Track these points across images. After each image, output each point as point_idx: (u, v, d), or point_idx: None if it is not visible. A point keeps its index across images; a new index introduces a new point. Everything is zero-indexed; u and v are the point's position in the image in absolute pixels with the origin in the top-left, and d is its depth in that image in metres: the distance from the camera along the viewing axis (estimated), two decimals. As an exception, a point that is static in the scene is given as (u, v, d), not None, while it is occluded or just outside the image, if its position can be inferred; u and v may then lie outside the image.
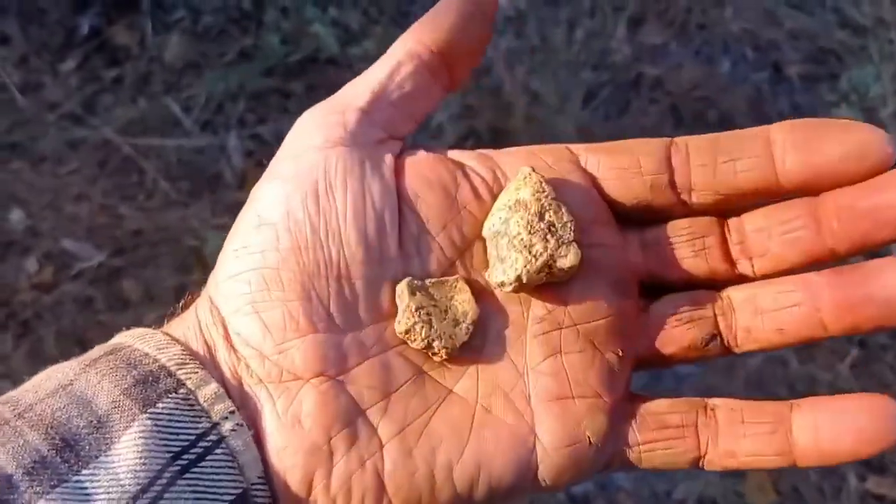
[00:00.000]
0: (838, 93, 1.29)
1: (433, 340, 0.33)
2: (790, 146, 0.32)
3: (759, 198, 0.34)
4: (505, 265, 0.33)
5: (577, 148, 0.35)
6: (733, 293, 0.34)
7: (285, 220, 0.32)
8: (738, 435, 0.33)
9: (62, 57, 1.29)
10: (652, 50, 1.31)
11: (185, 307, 0.35)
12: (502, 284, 0.33)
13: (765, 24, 1.33)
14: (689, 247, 0.34)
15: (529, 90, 1.27)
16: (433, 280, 0.34)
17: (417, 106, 0.35)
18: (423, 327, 0.33)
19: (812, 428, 0.32)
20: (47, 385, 0.31)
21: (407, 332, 0.33)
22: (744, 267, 0.34)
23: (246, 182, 1.20)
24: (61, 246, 1.18)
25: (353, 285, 0.32)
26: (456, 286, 0.34)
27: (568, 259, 0.32)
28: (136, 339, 0.32)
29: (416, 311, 0.32)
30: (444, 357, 0.33)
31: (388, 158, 0.34)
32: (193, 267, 1.15)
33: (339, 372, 0.32)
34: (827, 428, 0.32)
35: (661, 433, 0.33)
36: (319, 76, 1.27)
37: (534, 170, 0.33)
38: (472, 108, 1.24)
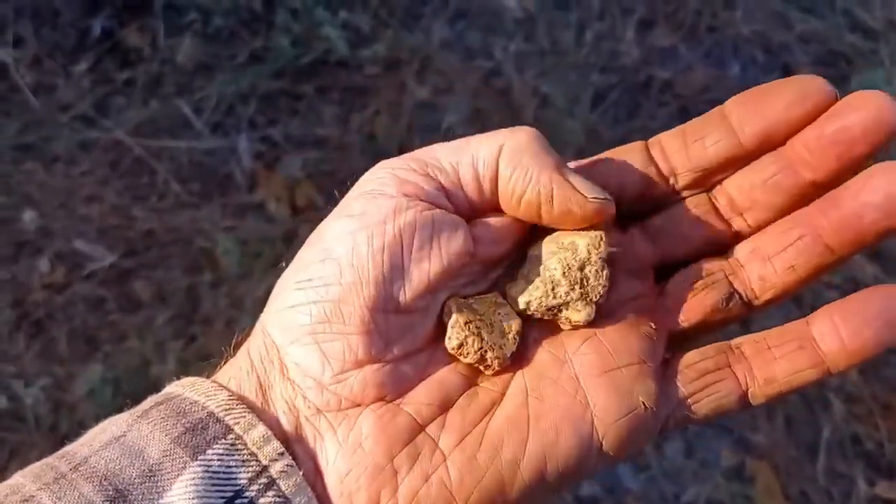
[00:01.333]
0: (849, 96, 1.28)
1: (486, 352, 0.34)
2: (742, 113, 0.35)
3: (731, 166, 0.36)
4: (526, 290, 0.34)
5: (572, 165, 0.36)
6: (738, 251, 0.36)
7: (349, 256, 0.33)
8: (771, 360, 0.34)
9: (75, 59, 1.30)
10: (661, 52, 1.31)
11: (237, 348, 0.35)
12: (513, 302, 0.35)
13: (775, 27, 1.32)
14: (687, 225, 0.36)
15: (539, 93, 1.27)
16: (476, 297, 0.35)
17: (481, 210, 0.35)
18: (474, 340, 0.34)
19: (833, 332, 0.33)
20: (101, 438, 0.32)
21: (459, 346, 0.34)
22: (738, 224, 0.36)
23: (256, 184, 1.21)
24: (73, 246, 1.18)
25: (412, 317, 0.34)
26: (496, 301, 0.35)
27: (580, 315, 0.34)
28: (185, 388, 0.33)
29: (465, 325, 0.34)
30: (496, 368, 0.34)
31: (462, 229, 0.34)
32: (204, 268, 1.16)
33: (396, 396, 0.33)
34: (845, 326, 0.33)
35: (702, 381, 0.34)
36: (330, 78, 1.28)
37: (606, 225, 0.35)
38: (481, 110, 1.24)
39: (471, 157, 0.35)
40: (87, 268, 1.17)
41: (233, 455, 0.31)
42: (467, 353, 0.34)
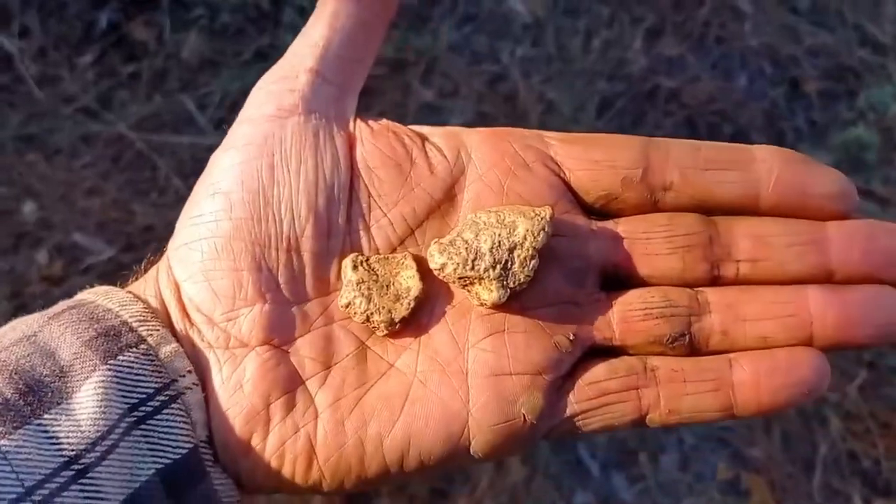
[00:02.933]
0: (856, 111, 1.28)
1: (371, 314, 0.33)
2: (780, 172, 0.33)
3: (733, 210, 0.34)
4: (447, 251, 0.33)
5: (551, 136, 0.35)
6: (710, 294, 0.34)
7: (239, 190, 0.33)
8: (681, 394, 0.33)
9: (80, 51, 1.30)
10: (669, 62, 1.31)
11: (147, 269, 0.36)
12: (430, 258, 0.33)
13: (784, 40, 1.32)
14: (665, 244, 0.34)
15: (545, 98, 1.26)
16: (380, 256, 0.34)
17: (364, 47, 0.35)
18: (362, 301, 0.33)
19: (752, 386, 0.33)
20: (12, 335, 0.32)
21: (347, 305, 0.33)
22: (727, 270, 0.34)
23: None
24: (72, 239, 1.18)
25: (302, 258, 0.33)
26: (403, 262, 0.34)
27: (490, 295, 0.33)
28: (99, 296, 0.33)
29: (357, 285, 0.33)
30: (384, 331, 0.34)
31: (344, 130, 0.34)
32: (203, 265, 1.15)
33: (283, 342, 0.33)
34: (768, 385, 0.32)
35: (599, 401, 0.33)
36: (335, 78, 1.27)
37: (552, 217, 0.33)
38: (486, 114, 1.24)
39: (324, 26, 0.35)
40: (85, 261, 1.17)
41: (144, 364, 0.31)
42: (354, 313, 0.33)
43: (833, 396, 1.09)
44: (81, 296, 0.34)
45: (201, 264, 0.33)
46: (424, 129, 0.35)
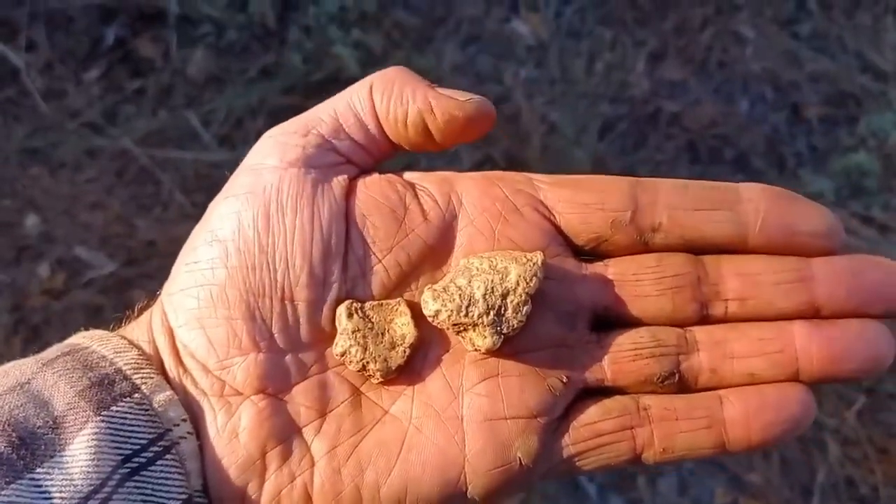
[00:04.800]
0: (857, 137, 1.29)
1: (368, 363, 0.33)
2: (766, 211, 0.34)
3: (721, 249, 0.35)
4: (441, 297, 0.33)
5: (540, 179, 0.35)
6: (698, 333, 0.34)
7: (235, 239, 0.33)
8: (674, 432, 0.33)
9: (86, 66, 1.31)
10: (671, 85, 1.31)
11: (140, 312, 0.36)
12: (424, 304, 0.34)
13: (786, 65, 1.33)
14: (655, 285, 0.34)
15: (547, 120, 1.27)
16: (374, 303, 0.34)
17: (375, 149, 0.36)
18: (357, 350, 0.33)
19: (743, 423, 0.33)
20: (4, 381, 0.32)
21: (343, 353, 0.34)
22: (716, 309, 0.34)
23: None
24: (74, 253, 1.18)
25: (296, 307, 0.33)
26: (397, 309, 0.34)
27: (484, 341, 0.33)
28: (94, 341, 0.33)
29: (352, 333, 0.33)
30: (380, 379, 0.34)
31: (342, 180, 0.35)
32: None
33: (278, 390, 0.33)
34: (758, 421, 0.33)
35: (595, 441, 0.34)
36: (339, 97, 1.28)
37: (543, 262, 0.34)
38: (489, 135, 1.24)
39: (346, 101, 0.35)
40: (86, 275, 1.17)
41: (137, 414, 0.31)
42: (350, 362, 0.34)
43: (831, 422, 1.09)
44: (75, 339, 0.34)
45: (197, 311, 0.33)
46: (416, 176, 0.36)
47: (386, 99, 0.34)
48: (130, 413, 0.31)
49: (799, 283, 0.33)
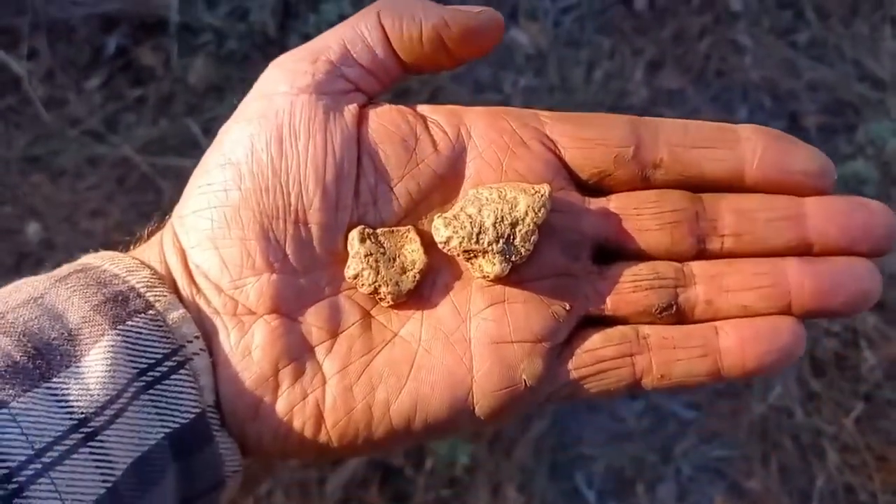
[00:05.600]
0: (855, 145, 1.29)
1: (379, 286, 0.34)
2: (763, 150, 0.35)
3: (719, 187, 0.35)
4: (452, 224, 0.34)
5: (546, 115, 0.36)
6: (695, 267, 0.35)
7: (249, 161, 0.33)
8: (672, 360, 0.35)
9: (87, 74, 1.31)
10: (669, 94, 1.32)
11: (150, 235, 0.36)
12: (435, 231, 0.34)
13: (784, 74, 1.33)
14: (654, 219, 0.35)
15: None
16: (385, 229, 0.35)
17: (383, 73, 0.36)
18: (370, 273, 0.34)
19: (738, 352, 0.34)
20: (17, 296, 0.32)
21: (355, 276, 0.34)
22: (712, 244, 0.35)
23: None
24: (75, 260, 1.18)
25: (310, 229, 0.34)
26: (407, 236, 0.35)
27: (493, 268, 0.34)
28: (105, 261, 0.34)
29: (364, 257, 0.34)
30: (390, 302, 0.35)
31: (352, 108, 0.35)
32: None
33: (291, 310, 0.34)
34: (751, 350, 0.34)
35: (596, 367, 0.35)
36: (339, 105, 1.28)
37: (551, 193, 0.34)
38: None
39: (353, 28, 0.35)
40: (87, 282, 1.17)
41: (152, 330, 0.32)
42: (362, 284, 0.34)
43: (830, 429, 1.09)
44: (86, 259, 0.35)
45: (210, 232, 0.33)
46: (426, 108, 0.36)
47: (398, 20, 0.35)
48: (145, 328, 0.32)
49: (792, 221, 0.35)
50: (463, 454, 1.05)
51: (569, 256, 0.35)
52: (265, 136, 0.34)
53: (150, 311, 0.32)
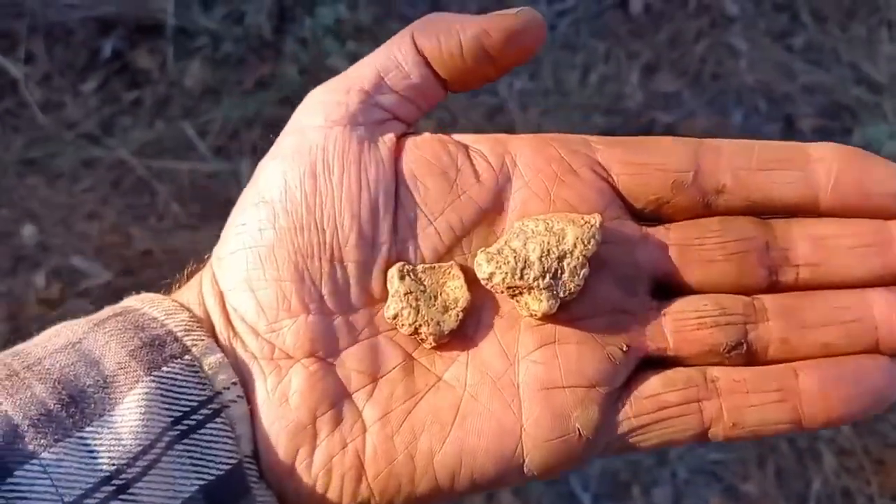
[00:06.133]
0: (850, 148, 1.29)
1: (420, 326, 0.32)
2: (839, 171, 0.32)
3: (789, 212, 0.33)
4: (495, 260, 0.32)
5: (597, 140, 0.34)
6: (767, 301, 0.32)
7: (283, 199, 0.32)
8: (745, 406, 0.32)
9: (84, 78, 1.31)
10: (665, 97, 1.32)
11: (191, 275, 0.35)
12: (477, 267, 0.32)
13: (779, 77, 1.33)
14: (719, 249, 0.33)
15: (542, 131, 1.27)
16: (426, 265, 0.33)
17: (421, 98, 0.34)
18: (410, 313, 0.32)
19: (821, 395, 0.31)
20: (56, 341, 0.31)
21: (395, 316, 0.33)
22: (786, 275, 0.32)
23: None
24: (70, 263, 1.19)
25: (346, 268, 0.32)
26: (450, 272, 0.33)
27: (540, 305, 0.32)
28: (144, 304, 0.33)
29: (404, 295, 0.32)
30: (433, 343, 0.33)
31: (388, 139, 0.33)
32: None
33: (329, 353, 0.32)
34: (837, 395, 0.31)
35: (658, 415, 0.32)
36: (335, 108, 1.28)
37: (601, 224, 0.32)
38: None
39: (386, 54, 0.34)
40: (82, 285, 1.17)
41: (188, 376, 0.31)
42: (402, 325, 0.33)
43: (826, 432, 1.09)
44: (127, 302, 0.34)
45: (245, 274, 0.32)
46: (469, 137, 0.34)
47: (434, 38, 0.33)
48: (181, 374, 0.31)
49: (876, 248, 0.32)
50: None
51: (624, 291, 0.33)
52: (298, 172, 0.32)
53: (187, 357, 0.31)
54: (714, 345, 0.32)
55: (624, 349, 0.32)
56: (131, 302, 0.34)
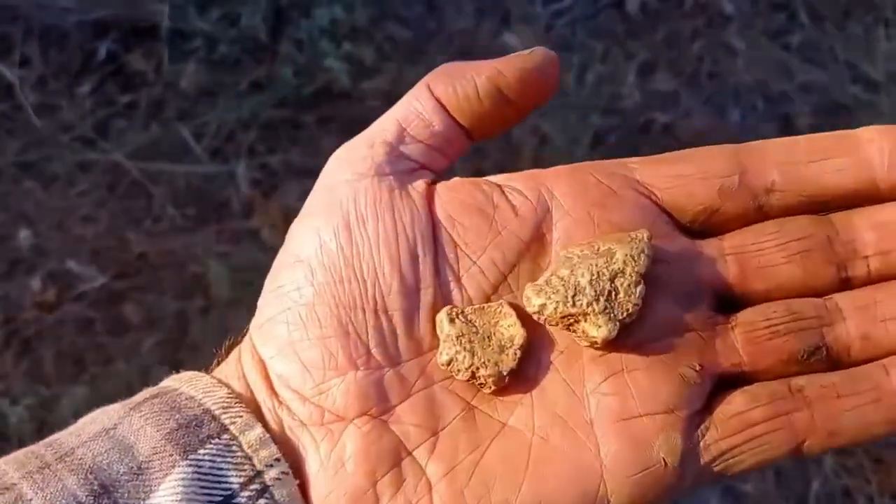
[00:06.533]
0: (848, 147, 1.29)
1: (478, 369, 0.31)
2: (892, 149, 0.30)
3: (848, 201, 0.32)
4: (544, 291, 0.31)
5: (634, 161, 0.33)
6: (841, 299, 0.31)
7: (318, 255, 0.31)
8: (839, 412, 0.30)
9: (79, 80, 1.31)
10: (662, 97, 1.32)
11: (229, 351, 0.34)
12: (527, 301, 0.31)
13: (776, 76, 1.33)
14: (780, 252, 0.31)
15: (538, 132, 1.27)
16: (475, 307, 0.32)
17: (447, 146, 0.34)
18: (465, 356, 0.31)
19: None
20: (91, 428, 0.30)
21: (449, 362, 0.31)
22: (856, 269, 0.31)
23: (253, 211, 1.21)
24: (66, 267, 1.18)
25: (391, 317, 0.31)
26: (501, 311, 0.32)
27: (599, 330, 0.30)
28: (182, 383, 0.32)
29: (456, 339, 0.31)
30: (492, 387, 0.31)
31: (419, 184, 0.33)
32: (194, 294, 1.15)
33: (382, 411, 0.31)
34: None
35: (747, 434, 0.30)
36: (330, 109, 1.28)
37: (650, 238, 0.31)
38: (480, 148, 1.24)
39: (405, 106, 0.33)
40: (78, 288, 1.17)
41: (226, 457, 0.29)
42: (458, 370, 0.31)
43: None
44: (166, 382, 0.32)
45: (287, 336, 0.31)
46: (501, 177, 0.33)
47: (451, 86, 0.32)
48: (219, 455, 0.29)
49: None
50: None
51: (686, 309, 0.31)
52: (332, 227, 0.31)
53: (225, 436, 0.30)
54: (791, 353, 0.30)
55: (697, 369, 0.30)
56: (169, 382, 0.32)
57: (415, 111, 0.33)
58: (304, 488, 0.30)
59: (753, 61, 1.35)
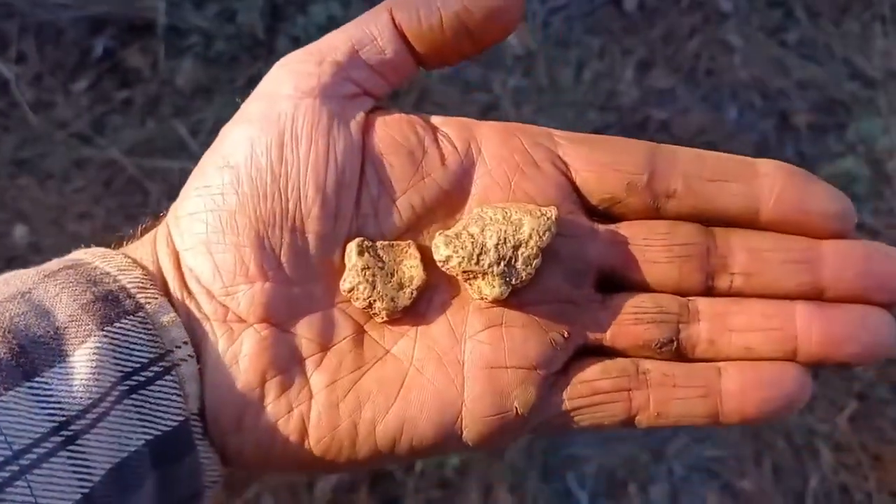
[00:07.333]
0: (845, 143, 1.29)
1: (374, 301, 0.33)
2: (781, 188, 0.34)
3: (730, 222, 0.34)
4: (453, 244, 0.33)
5: (560, 135, 0.35)
6: (701, 303, 0.34)
7: (248, 165, 0.32)
8: (671, 398, 0.34)
9: (75, 77, 1.31)
10: (659, 94, 1.32)
11: (143, 232, 0.35)
12: (435, 249, 0.33)
13: (773, 73, 1.33)
14: (663, 252, 0.34)
15: (536, 128, 1.27)
16: (385, 243, 0.34)
17: (393, 73, 0.35)
18: (366, 288, 0.33)
19: (739, 397, 0.33)
20: (4, 290, 0.31)
21: (350, 290, 0.33)
22: (721, 281, 0.34)
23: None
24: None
25: (307, 239, 0.33)
26: (407, 251, 0.34)
27: (492, 290, 0.33)
28: (96, 258, 0.33)
29: (361, 270, 0.33)
30: (385, 318, 0.34)
31: (359, 115, 0.34)
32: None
33: (282, 321, 0.33)
34: (753, 396, 0.33)
35: (591, 399, 0.34)
36: (327, 106, 1.28)
37: (558, 217, 0.33)
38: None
39: (362, 27, 0.34)
40: (74, 285, 1.17)
41: (140, 333, 0.31)
42: (357, 298, 0.33)
43: (823, 428, 1.09)
44: (77, 255, 0.34)
45: (205, 236, 0.32)
46: (438, 120, 0.35)
47: (415, 13, 0.33)
48: (133, 331, 0.31)
49: (806, 264, 0.33)
50: (454, 455, 1.05)
51: (571, 283, 0.34)
52: (266, 140, 0.32)
53: (140, 314, 0.31)
54: (648, 339, 0.34)
55: (565, 336, 0.34)
56: (82, 255, 0.34)
57: (370, 35, 0.34)
58: (200, 374, 0.32)
59: (750, 58, 1.35)
